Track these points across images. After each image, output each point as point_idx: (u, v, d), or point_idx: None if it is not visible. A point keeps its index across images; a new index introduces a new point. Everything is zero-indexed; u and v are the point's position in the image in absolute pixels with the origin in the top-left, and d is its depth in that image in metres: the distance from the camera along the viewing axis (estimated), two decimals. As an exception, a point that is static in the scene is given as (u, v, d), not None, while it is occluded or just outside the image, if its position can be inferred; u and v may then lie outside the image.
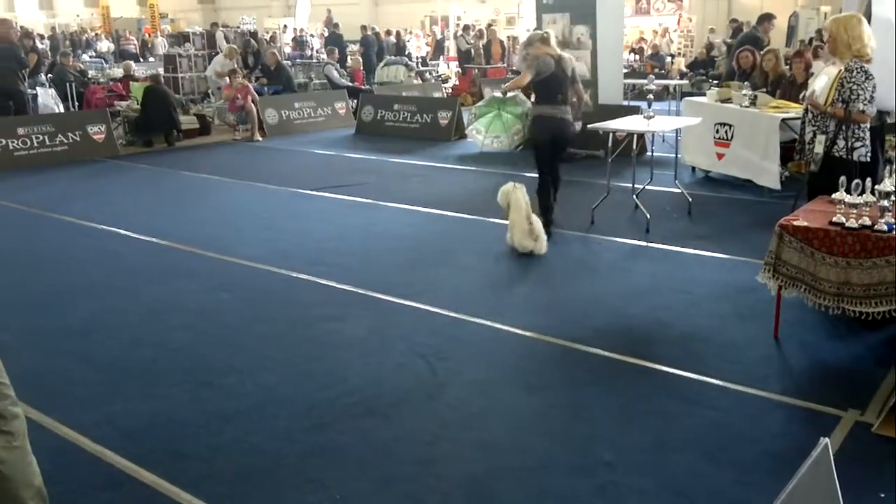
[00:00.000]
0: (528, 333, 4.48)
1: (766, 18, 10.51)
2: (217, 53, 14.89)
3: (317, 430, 3.46)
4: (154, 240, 6.63)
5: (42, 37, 21.04)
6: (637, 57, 20.20)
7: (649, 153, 8.51)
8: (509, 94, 7.59)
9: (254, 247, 6.35)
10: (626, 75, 13.64)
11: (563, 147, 6.69)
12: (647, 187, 7.51)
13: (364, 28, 21.19)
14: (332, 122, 13.97)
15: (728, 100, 8.33)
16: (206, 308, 5.04)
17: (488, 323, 4.63)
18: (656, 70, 18.03)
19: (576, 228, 6.73)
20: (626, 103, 11.24)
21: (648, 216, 6.65)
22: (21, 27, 17.47)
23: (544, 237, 6.00)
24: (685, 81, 15.24)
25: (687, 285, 5.26)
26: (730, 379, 3.85)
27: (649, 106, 7.11)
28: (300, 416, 3.58)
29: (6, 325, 4.77)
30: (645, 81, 9.26)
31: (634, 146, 7.04)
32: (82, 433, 3.44)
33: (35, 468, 2.46)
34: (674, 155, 7.96)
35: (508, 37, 22.11)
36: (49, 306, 5.10)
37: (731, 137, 8.09)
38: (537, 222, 6.01)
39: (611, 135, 7.11)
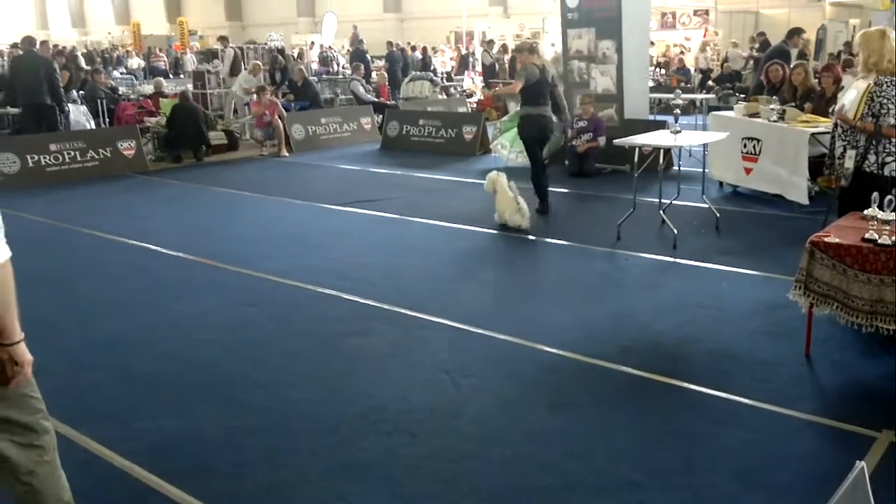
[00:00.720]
0: (553, 350, 4.44)
1: (796, 33, 10.42)
2: (242, 70, 15.08)
3: (342, 446, 3.46)
4: (181, 255, 6.69)
5: (75, 54, 21.44)
6: (663, 71, 20.11)
7: (676, 168, 8.44)
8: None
9: (280, 262, 6.39)
10: (652, 89, 13.59)
11: (546, 139, 8.12)
12: (674, 202, 7.45)
13: (389, 44, 21.36)
14: (357, 138, 14.06)
15: (756, 114, 8.26)
16: (233, 323, 5.07)
17: (513, 339, 4.61)
18: (682, 84, 17.93)
19: (602, 244, 6.69)
20: (651, 118, 11.19)
21: (675, 231, 6.59)
22: (54, 45, 17.84)
23: (528, 214, 7.21)
24: (711, 95, 15.13)
25: (715, 302, 5.19)
26: (760, 398, 3.78)
27: (676, 120, 7.05)
28: (325, 433, 3.58)
29: (37, 338, 4.83)
30: (671, 96, 9.19)
31: (661, 161, 6.99)
32: (110, 448, 3.46)
33: (64, 483, 2.49)
34: (701, 169, 7.89)
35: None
36: (79, 320, 5.16)
37: (760, 152, 8.01)
38: (523, 202, 7.16)
39: (637, 149, 7.08)
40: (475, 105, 17.51)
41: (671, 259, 6.23)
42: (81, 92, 13.97)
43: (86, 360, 4.50)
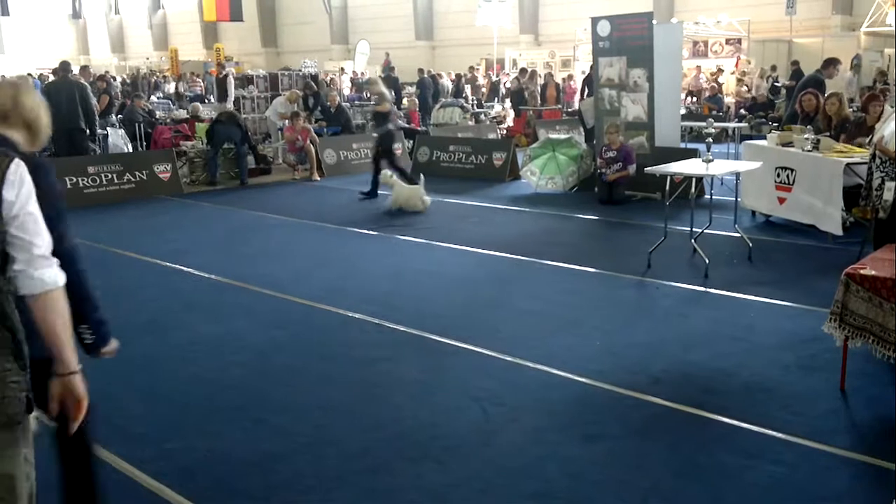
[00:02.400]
0: (583, 380, 4.41)
1: (832, 63, 10.34)
2: (279, 95, 15.33)
3: (370, 472, 3.45)
4: (214, 277, 6.78)
5: (114, 78, 21.97)
6: (694, 99, 20.04)
7: (708, 196, 8.39)
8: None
9: (310, 285, 6.44)
10: (683, 117, 13.54)
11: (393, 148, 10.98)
12: (706, 231, 7.39)
13: (421, 71, 21.59)
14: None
15: (790, 143, 8.19)
16: (262, 346, 5.11)
17: (544, 368, 4.58)
18: (714, 112, 17.85)
19: (632, 272, 6.65)
20: (683, 146, 11.15)
21: (707, 261, 6.53)
22: (100, 74, 18.32)
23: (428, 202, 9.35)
24: (744, 124, 15.04)
25: (748, 333, 5.12)
26: (794, 433, 3.71)
27: (708, 149, 7.01)
28: (353, 458, 3.58)
29: (72, 358, 4.91)
30: (703, 124, 9.15)
31: (693, 189, 6.95)
32: (139, 468, 3.50)
33: None
34: (733, 198, 7.83)
35: (563, 79, 22.23)
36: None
37: (793, 182, 7.92)
38: (423, 192, 9.44)
39: (668, 177, 7.05)
40: (505, 131, 17.60)
41: (702, 289, 6.17)
42: (120, 116, 14.28)
43: (118, 380, 4.54)
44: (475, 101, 21.64)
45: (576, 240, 8.36)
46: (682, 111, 14.12)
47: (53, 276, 2.14)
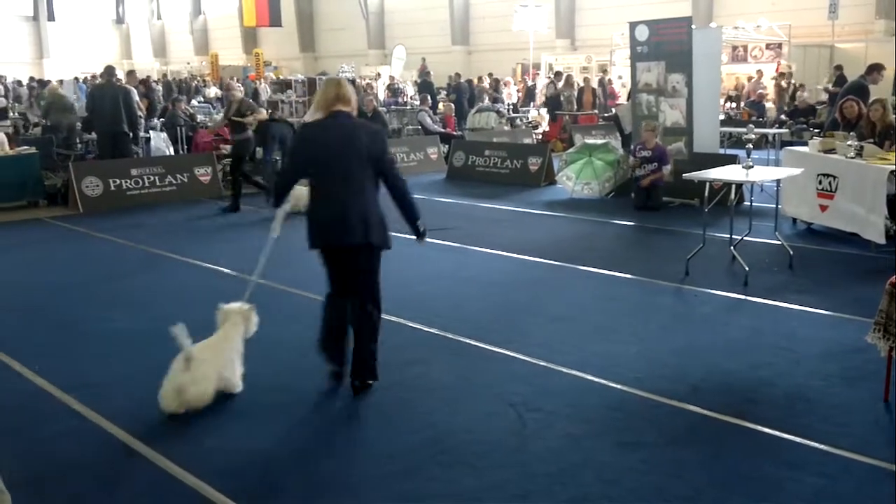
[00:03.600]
0: (620, 386, 4.39)
1: (876, 69, 10.15)
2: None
3: (405, 475, 3.47)
4: (251, 278, 6.85)
5: (156, 82, 22.38)
6: (734, 104, 19.78)
7: (747, 203, 8.28)
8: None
9: (347, 288, 6.48)
10: (723, 123, 13.39)
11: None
12: (746, 238, 7.29)
13: (457, 76, 21.64)
14: (424, 167, 14.25)
15: (832, 150, 8.05)
16: (300, 346, 5.16)
17: (579, 374, 4.57)
18: (754, 118, 17.61)
19: (669, 279, 6.59)
20: (722, 151, 11.02)
21: (747, 268, 6.45)
22: (142, 78, 18.65)
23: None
24: (785, 130, 14.81)
25: (789, 342, 5.05)
26: (837, 444, 3.65)
27: (748, 155, 6.92)
28: (389, 461, 3.60)
29: (118, 356, 5.03)
30: (743, 130, 9.04)
31: (732, 196, 6.87)
32: (182, 466, 3.56)
33: None
34: (774, 205, 7.72)
35: (608, 80, 22.07)
36: (156, 341, 5.32)
37: (836, 189, 7.79)
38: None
39: (707, 184, 6.97)
40: (541, 136, 17.56)
41: (742, 296, 6.09)
42: (162, 119, 14.55)
43: (158, 380, 4.59)
44: (511, 106, 21.63)
45: (612, 245, 8.32)
46: (721, 116, 13.95)
47: None
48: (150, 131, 13.20)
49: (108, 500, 3.34)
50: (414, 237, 4.62)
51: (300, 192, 6.73)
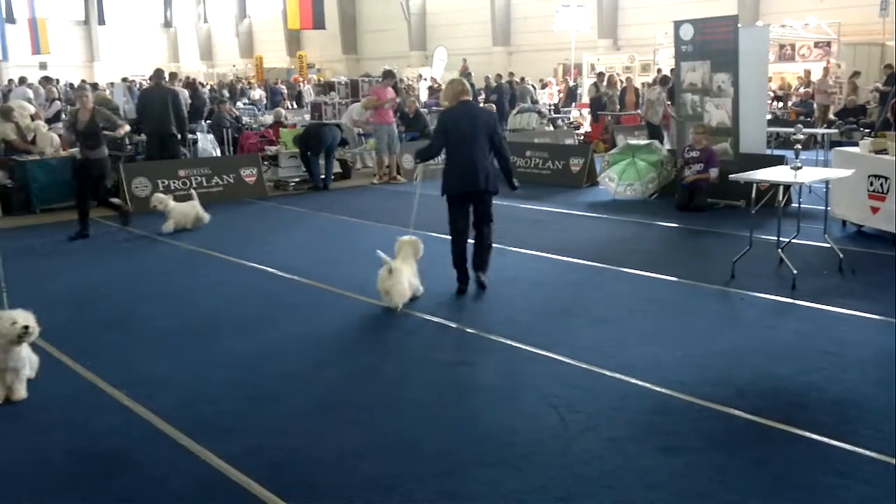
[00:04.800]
0: (664, 390, 4.34)
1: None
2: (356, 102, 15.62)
3: (448, 476, 3.49)
4: (297, 278, 6.96)
5: (202, 85, 22.78)
6: (781, 104, 19.40)
7: (795, 205, 8.12)
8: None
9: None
10: (770, 123, 13.14)
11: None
12: (794, 241, 7.15)
13: (498, 76, 21.61)
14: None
15: (883, 150, 7.85)
16: (344, 346, 5.23)
17: (622, 377, 4.53)
18: (801, 118, 17.25)
19: (714, 282, 6.49)
20: (769, 152, 10.82)
21: (795, 272, 6.32)
22: (186, 77, 19.07)
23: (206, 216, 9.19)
24: (834, 130, 14.48)
25: (838, 347, 4.94)
26: (888, 452, 3.56)
27: (797, 156, 6.79)
28: (432, 460, 3.62)
29: (164, 353, 5.14)
30: (791, 130, 8.88)
31: (780, 197, 6.74)
32: (229, 462, 3.63)
33: None
34: (823, 207, 7.56)
35: (643, 83, 21.86)
36: (202, 338, 5.45)
37: (888, 191, 7.60)
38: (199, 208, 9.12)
39: (754, 185, 6.86)
40: (582, 137, 17.44)
41: (790, 300, 5.98)
42: (209, 121, 14.82)
43: (207, 376, 4.74)
44: (552, 107, 21.53)
45: (655, 247, 8.23)
46: (768, 116, 13.69)
47: None
48: (198, 133, 13.46)
49: (156, 494, 3.41)
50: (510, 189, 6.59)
51: (183, 210, 7.68)
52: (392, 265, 5.84)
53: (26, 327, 4.28)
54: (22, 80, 18.50)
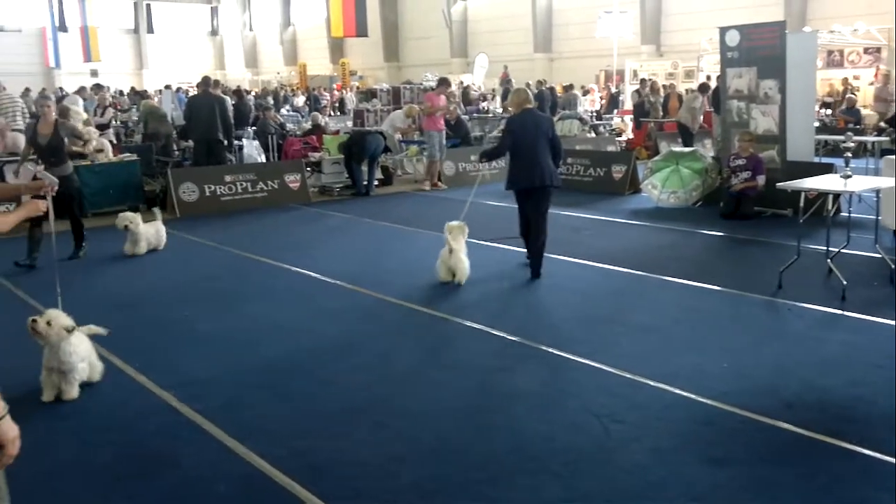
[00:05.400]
0: (708, 401, 4.28)
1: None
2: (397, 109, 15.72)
3: (490, 482, 3.49)
4: (340, 283, 7.03)
5: (247, 92, 23.15)
6: (829, 111, 18.99)
7: (845, 214, 7.95)
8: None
9: (429, 294, 6.57)
10: (817, 130, 12.88)
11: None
12: (843, 251, 7.00)
13: (539, 83, 21.55)
14: (505, 175, 14.19)
15: (938, 159, 7.64)
16: (385, 351, 5.26)
17: (666, 387, 4.48)
18: (850, 125, 16.87)
19: (760, 292, 6.38)
20: (817, 160, 10.61)
21: (845, 282, 6.19)
22: (234, 88, 19.38)
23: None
24: (884, 138, 14.13)
25: (888, 360, 4.81)
26: (943, 469, 3.47)
27: (847, 164, 6.65)
28: (473, 467, 3.63)
29: (209, 355, 5.24)
30: (840, 137, 8.69)
31: (829, 206, 6.60)
32: (272, 464, 3.68)
33: None
34: (873, 217, 7.38)
35: (687, 90, 21.61)
36: (246, 341, 5.54)
37: (942, 200, 7.38)
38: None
39: (802, 194, 6.73)
40: (624, 144, 17.30)
41: (839, 311, 5.85)
42: (254, 127, 15.06)
43: (251, 380, 4.81)
44: (594, 114, 21.40)
45: (699, 256, 8.12)
46: (816, 124, 13.43)
47: None
48: (244, 139, 13.69)
49: (203, 495, 3.47)
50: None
51: (146, 231, 7.52)
52: (452, 245, 6.76)
53: (34, 320, 4.37)
54: (80, 90, 19.01)
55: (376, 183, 12.97)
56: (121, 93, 26.87)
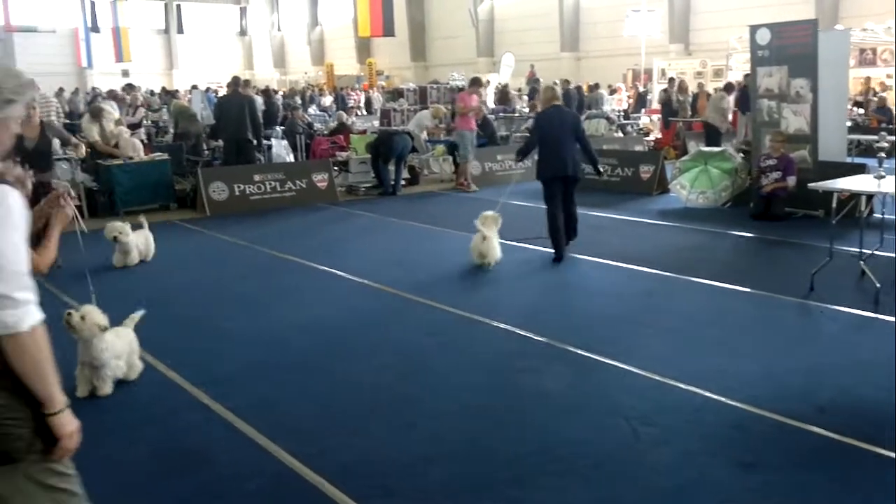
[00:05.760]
0: (738, 404, 4.25)
1: None
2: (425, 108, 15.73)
3: (517, 483, 3.50)
4: (367, 282, 7.07)
5: (275, 92, 23.33)
6: (862, 111, 18.69)
7: (878, 215, 7.83)
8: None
9: (457, 294, 6.58)
10: (850, 130, 12.68)
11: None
12: (877, 253, 6.89)
13: (566, 82, 21.45)
14: (532, 175, 14.12)
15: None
16: (413, 351, 5.29)
17: (696, 390, 4.45)
18: (883, 124, 16.59)
19: (792, 294, 6.31)
20: (849, 160, 10.45)
21: (878, 285, 6.09)
22: (262, 88, 19.53)
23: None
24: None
25: (925, 365, 4.74)
26: (981, 477, 3.40)
27: (880, 164, 6.55)
28: (500, 467, 3.63)
29: (236, 354, 5.30)
30: (874, 137, 8.56)
31: (863, 207, 6.50)
32: (302, 462, 3.72)
33: None
34: (908, 218, 7.27)
35: (715, 89, 21.39)
36: (274, 339, 5.59)
37: (980, 201, 7.23)
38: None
39: (834, 194, 6.64)
40: (652, 144, 17.17)
41: (873, 315, 5.77)
42: (282, 127, 15.18)
43: (280, 377, 4.86)
44: (621, 113, 21.26)
45: (729, 257, 8.05)
46: (848, 123, 13.23)
47: (16, 319, 1.89)
48: (272, 139, 13.80)
49: (233, 491, 3.52)
50: (595, 176, 8.99)
51: (136, 241, 7.76)
52: (485, 232, 7.28)
53: (69, 313, 4.48)
54: (111, 93, 19.28)
55: (403, 183, 13.01)
56: (151, 93, 27.22)
